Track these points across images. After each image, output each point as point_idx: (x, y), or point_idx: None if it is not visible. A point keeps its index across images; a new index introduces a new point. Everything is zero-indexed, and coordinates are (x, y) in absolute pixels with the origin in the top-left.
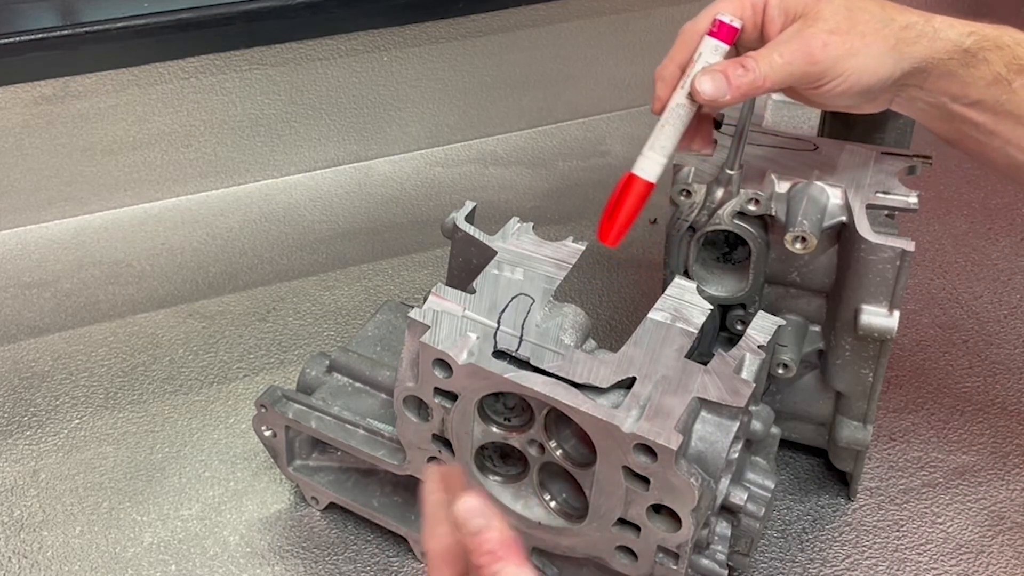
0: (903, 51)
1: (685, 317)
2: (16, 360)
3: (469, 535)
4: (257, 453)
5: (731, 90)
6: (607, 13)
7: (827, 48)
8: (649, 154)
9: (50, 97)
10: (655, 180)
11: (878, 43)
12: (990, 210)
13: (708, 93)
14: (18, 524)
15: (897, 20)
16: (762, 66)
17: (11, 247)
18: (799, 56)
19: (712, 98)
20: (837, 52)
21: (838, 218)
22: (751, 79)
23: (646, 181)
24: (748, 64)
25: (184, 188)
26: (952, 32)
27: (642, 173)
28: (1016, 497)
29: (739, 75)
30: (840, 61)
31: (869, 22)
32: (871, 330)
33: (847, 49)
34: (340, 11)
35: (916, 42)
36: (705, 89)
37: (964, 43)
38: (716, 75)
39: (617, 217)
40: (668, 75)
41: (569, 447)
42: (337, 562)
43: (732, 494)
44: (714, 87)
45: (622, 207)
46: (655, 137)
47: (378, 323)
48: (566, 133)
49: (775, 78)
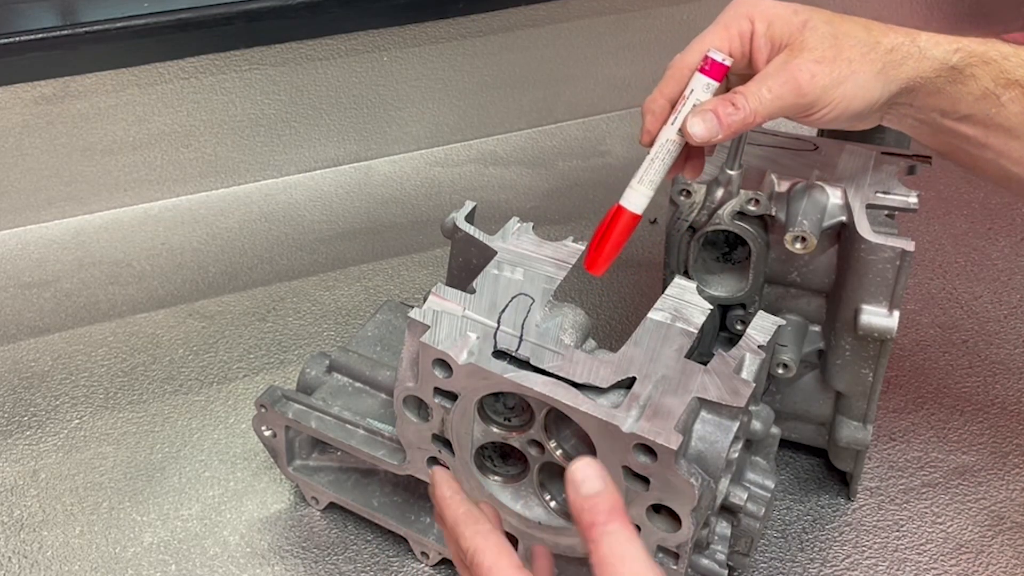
0: (890, 74)
1: (685, 317)
2: (16, 360)
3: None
4: (257, 453)
5: (723, 129)
6: (607, 13)
7: (815, 79)
8: (637, 187)
9: (50, 97)
10: (642, 212)
11: (865, 68)
12: (990, 210)
13: (700, 135)
14: (18, 524)
15: (883, 43)
16: (751, 102)
17: (11, 247)
18: (787, 89)
19: (704, 140)
20: (825, 82)
21: (838, 218)
22: (742, 117)
23: (633, 214)
24: (738, 102)
25: (184, 188)
26: (938, 50)
27: (629, 206)
28: (1016, 497)
29: (730, 114)
30: (828, 90)
31: (855, 48)
32: (871, 330)
33: (834, 78)
34: (340, 11)
35: (903, 64)
36: (697, 131)
37: (951, 60)
38: (707, 115)
39: (604, 247)
40: (658, 109)
41: (569, 447)
42: (337, 562)
43: (732, 494)
44: (706, 128)
45: (609, 237)
46: (644, 170)
47: (378, 323)
48: (566, 133)
49: (765, 112)
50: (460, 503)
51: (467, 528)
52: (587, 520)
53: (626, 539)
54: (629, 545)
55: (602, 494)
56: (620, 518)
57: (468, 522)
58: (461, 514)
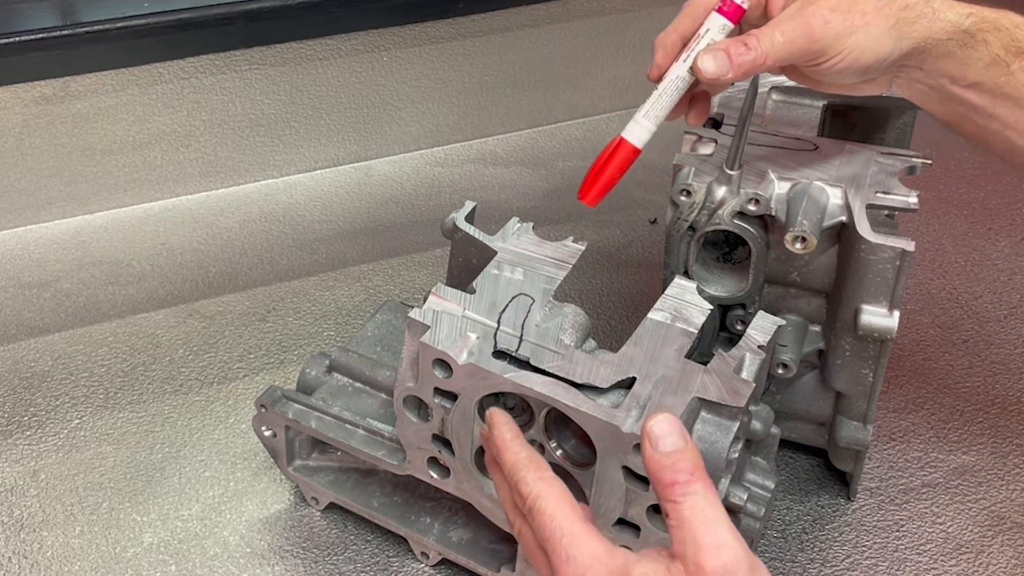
0: (903, 30)
1: (685, 317)
2: (16, 360)
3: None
4: (257, 453)
5: (733, 68)
6: (607, 13)
7: (827, 26)
8: (642, 120)
9: (50, 97)
10: (642, 146)
11: (878, 22)
12: (990, 210)
13: (710, 71)
14: (18, 524)
15: (897, 0)
16: (763, 44)
17: (11, 247)
18: (800, 34)
19: (714, 76)
20: (837, 30)
21: (838, 218)
22: (752, 57)
23: (634, 146)
24: (750, 43)
25: (184, 188)
26: (951, 13)
27: (631, 138)
28: (1016, 497)
29: (741, 53)
30: (840, 39)
31: (869, 1)
32: (871, 330)
33: (847, 27)
34: (340, 11)
35: (916, 22)
36: (707, 67)
37: (963, 24)
38: (719, 53)
39: (600, 177)
40: (669, 44)
41: (569, 447)
42: (337, 562)
43: (732, 494)
44: (716, 65)
45: (607, 169)
46: (649, 105)
47: (378, 323)
48: (566, 133)
49: (776, 56)
50: (521, 447)
51: (529, 473)
52: (668, 479)
53: (710, 502)
54: (713, 509)
55: (684, 451)
56: (703, 479)
57: (531, 467)
58: (523, 458)
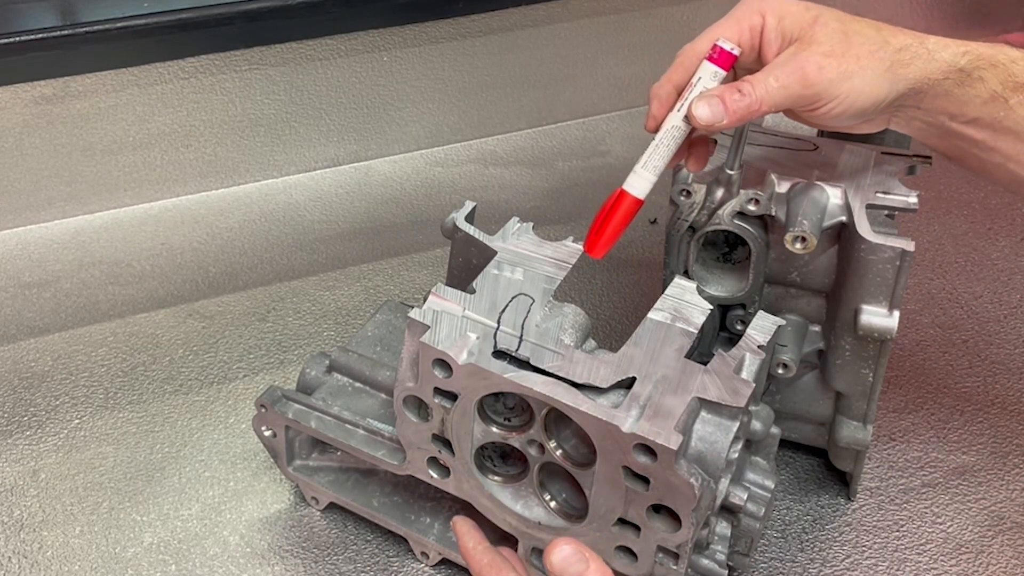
0: (898, 73)
1: (685, 317)
2: (16, 360)
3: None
4: (257, 453)
5: (728, 115)
6: (607, 13)
7: (822, 71)
8: (641, 172)
9: (50, 97)
10: (644, 197)
11: (873, 65)
12: (990, 210)
13: (705, 119)
14: (18, 524)
15: (892, 42)
16: (758, 90)
17: (11, 247)
18: (794, 79)
19: (709, 123)
20: (832, 75)
21: (838, 218)
22: (747, 104)
23: (635, 198)
24: (744, 89)
25: (184, 188)
26: (946, 53)
27: (632, 190)
28: (1016, 497)
29: (735, 100)
30: (835, 84)
31: (864, 45)
32: (871, 330)
33: (842, 72)
34: (340, 11)
35: (911, 64)
36: (702, 115)
37: (959, 63)
38: (713, 100)
39: (605, 230)
40: (664, 95)
41: (569, 447)
42: (337, 562)
43: (732, 494)
44: (711, 112)
45: (611, 221)
46: (648, 156)
47: (378, 323)
48: (566, 133)
49: (771, 102)
50: (483, 553)
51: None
52: None
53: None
54: None
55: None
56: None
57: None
58: (485, 564)
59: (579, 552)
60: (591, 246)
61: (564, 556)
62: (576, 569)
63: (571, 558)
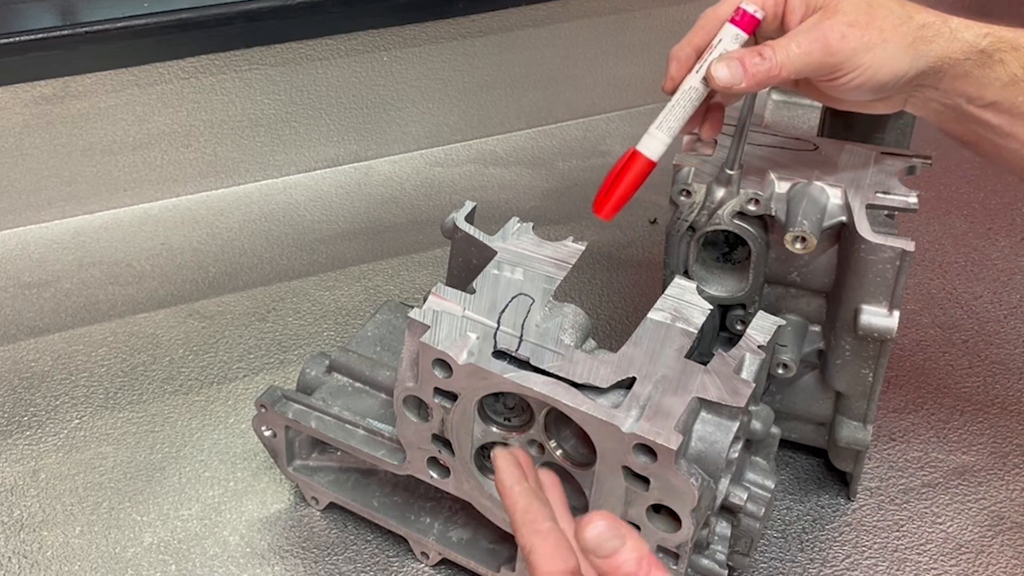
0: (920, 49)
1: (685, 317)
2: (16, 360)
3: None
4: (257, 453)
5: (747, 78)
6: (607, 13)
7: (845, 40)
8: (656, 133)
9: (50, 97)
10: (657, 159)
11: (896, 39)
12: (990, 210)
13: (723, 79)
14: (18, 524)
15: (915, 18)
16: (779, 55)
17: (11, 247)
18: (817, 46)
19: (727, 84)
20: (855, 45)
21: (838, 218)
22: (767, 67)
23: (648, 159)
24: (765, 53)
25: (184, 188)
26: (969, 33)
27: (646, 151)
28: (1016, 497)
29: (756, 63)
30: (857, 54)
31: (888, 18)
32: (871, 330)
33: (865, 42)
34: (340, 11)
35: (933, 41)
36: (721, 75)
37: (980, 44)
38: (733, 62)
39: (615, 190)
40: (684, 56)
41: (569, 447)
42: (337, 562)
43: (732, 494)
44: (730, 74)
45: (622, 181)
46: (663, 117)
47: (378, 323)
48: (566, 133)
49: (792, 67)
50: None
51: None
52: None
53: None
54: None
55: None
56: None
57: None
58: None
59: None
60: (600, 206)
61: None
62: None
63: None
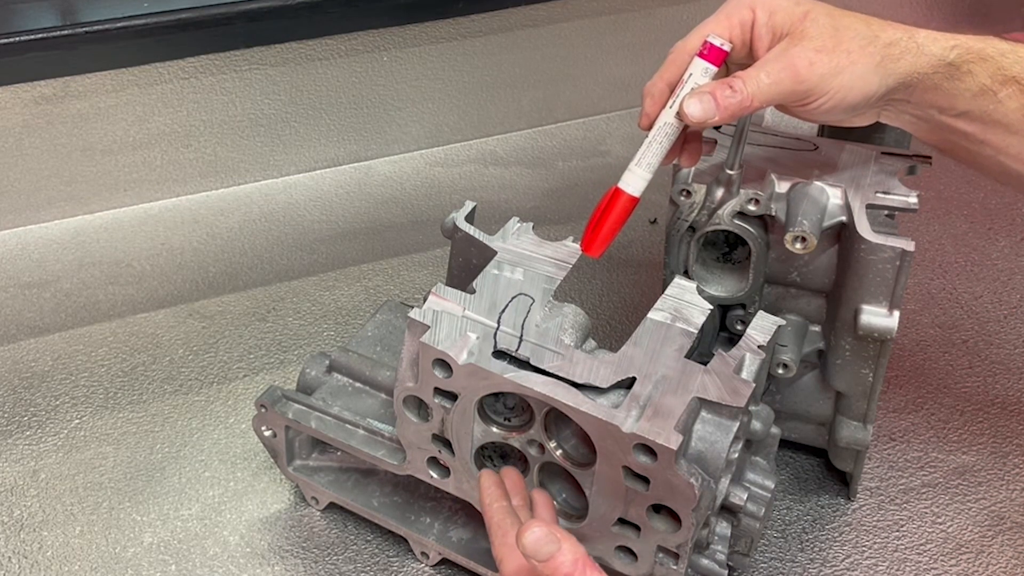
0: (888, 67)
1: (685, 317)
2: (16, 360)
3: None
4: (257, 453)
5: (719, 111)
6: (607, 13)
7: (813, 67)
8: (635, 169)
9: (50, 97)
10: (639, 195)
11: (863, 60)
12: (990, 210)
13: (696, 115)
14: (18, 524)
15: (881, 37)
16: (749, 86)
17: (11, 247)
18: (786, 75)
19: (700, 120)
20: (823, 70)
21: (838, 218)
22: (739, 100)
23: (631, 196)
24: (736, 85)
25: (184, 188)
26: (936, 47)
27: (627, 188)
28: (1016, 497)
29: (727, 96)
30: (826, 79)
31: (854, 40)
32: (871, 330)
33: (833, 67)
34: (340, 11)
35: (901, 58)
36: (693, 112)
37: (948, 57)
38: (704, 97)
39: (601, 229)
40: (657, 92)
41: (569, 447)
42: (337, 562)
43: (732, 494)
44: (702, 109)
45: (607, 219)
46: (642, 153)
47: (378, 323)
48: (566, 133)
49: (763, 98)
50: (496, 511)
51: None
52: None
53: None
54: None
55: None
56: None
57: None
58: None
59: (550, 534)
60: (588, 244)
61: (536, 538)
62: (548, 550)
63: (542, 539)
